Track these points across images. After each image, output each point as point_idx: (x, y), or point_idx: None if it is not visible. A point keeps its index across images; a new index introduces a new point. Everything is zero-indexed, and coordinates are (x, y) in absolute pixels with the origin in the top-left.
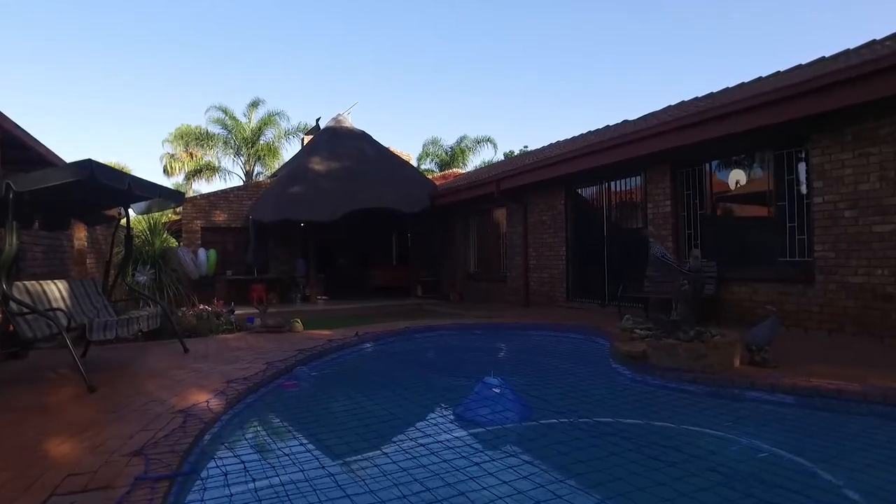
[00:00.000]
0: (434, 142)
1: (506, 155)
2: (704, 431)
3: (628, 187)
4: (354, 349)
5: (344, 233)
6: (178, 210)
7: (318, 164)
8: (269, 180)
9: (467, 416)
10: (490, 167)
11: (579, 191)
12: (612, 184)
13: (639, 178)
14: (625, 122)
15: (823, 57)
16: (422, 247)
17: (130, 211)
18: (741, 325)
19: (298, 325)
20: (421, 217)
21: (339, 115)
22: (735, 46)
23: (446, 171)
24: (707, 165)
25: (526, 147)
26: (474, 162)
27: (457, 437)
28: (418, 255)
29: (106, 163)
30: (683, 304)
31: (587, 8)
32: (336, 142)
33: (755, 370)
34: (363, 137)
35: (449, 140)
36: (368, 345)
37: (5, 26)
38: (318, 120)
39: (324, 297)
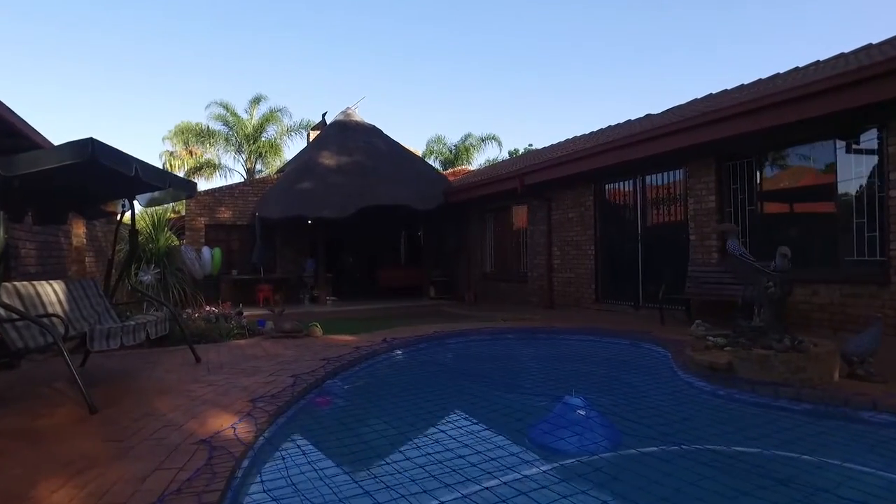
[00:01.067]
0: (438, 140)
1: (510, 153)
2: (877, 474)
3: (666, 182)
4: (385, 357)
5: (351, 231)
6: (176, 209)
7: (327, 159)
8: (275, 176)
9: (550, 443)
10: (511, 161)
11: (610, 186)
12: (648, 178)
13: (678, 171)
14: (648, 115)
15: (870, 44)
16: (434, 246)
17: (136, 204)
18: (799, 330)
19: (317, 330)
20: (434, 214)
21: (348, 108)
22: (734, 46)
23: (455, 169)
24: (757, 157)
25: (531, 145)
26: (479, 160)
27: (547, 474)
28: (430, 254)
29: None
30: (769, 308)
31: (587, 6)
32: (346, 136)
33: (864, 385)
34: (373, 132)
35: (453, 138)
36: (399, 352)
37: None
38: (324, 115)
39: (332, 298)
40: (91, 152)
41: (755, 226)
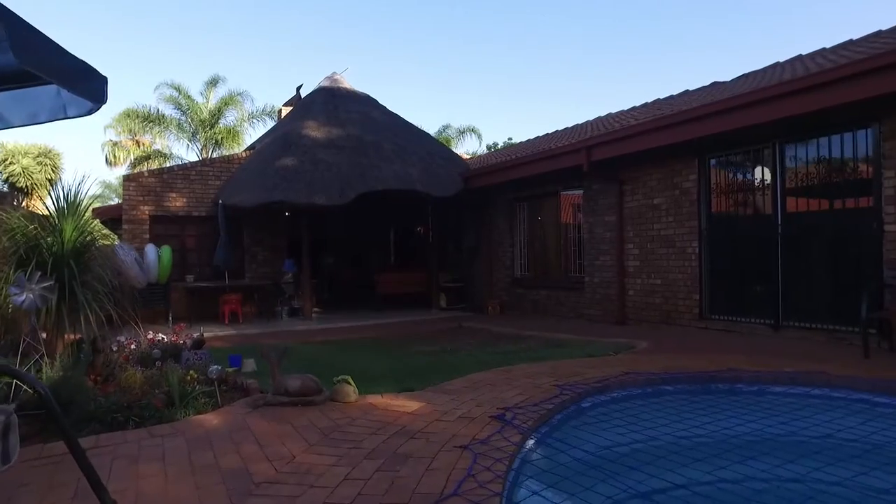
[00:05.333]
0: None
1: (489, 147)
2: None
3: (829, 150)
4: (524, 462)
5: (334, 224)
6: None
7: (314, 131)
8: (244, 153)
9: None
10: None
11: (723, 160)
12: (792, 147)
13: (855, 134)
14: (715, 83)
15: None
16: (443, 243)
17: None
18: None
19: (350, 391)
20: (446, 204)
21: (334, 73)
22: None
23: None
24: None
25: (510, 139)
26: (457, 153)
27: None
28: (439, 253)
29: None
30: None
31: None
32: (336, 104)
33: None
34: (368, 101)
35: (430, 129)
36: (531, 445)
37: None
38: (298, 88)
39: (316, 310)
40: None
41: None
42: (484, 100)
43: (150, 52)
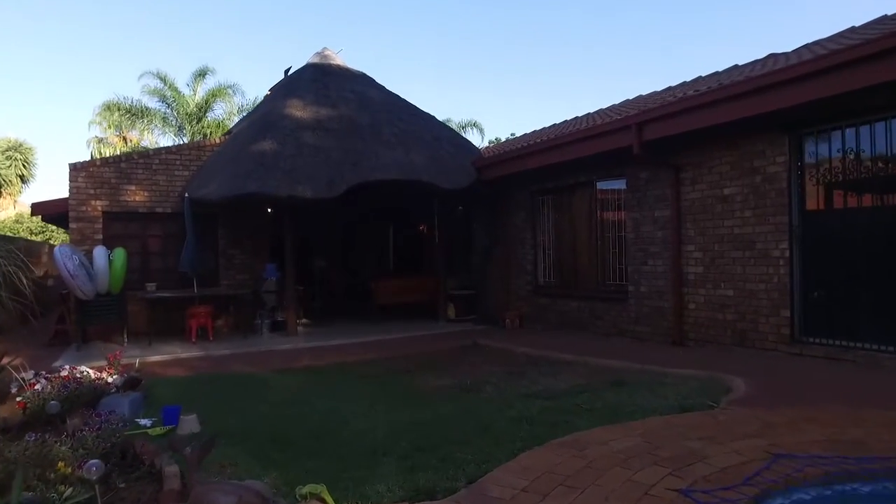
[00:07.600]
0: None
1: (491, 142)
2: None
3: None
4: None
5: (322, 221)
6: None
7: (299, 111)
8: (219, 138)
9: None
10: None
11: (821, 135)
12: None
13: None
14: (772, 54)
15: None
16: (450, 244)
17: None
18: None
19: None
20: (454, 198)
21: (325, 49)
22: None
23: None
24: None
25: (513, 134)
26: None
27: None
28: (445, 256)
29: None
30: None
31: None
32: (326, 82)
33: None
34: (363, 79)
35: None
36: None
37: None
38: (287, 70)
39: (303, 322)
40: None
41: None
42: (485, 95)
43: (133, 38)
